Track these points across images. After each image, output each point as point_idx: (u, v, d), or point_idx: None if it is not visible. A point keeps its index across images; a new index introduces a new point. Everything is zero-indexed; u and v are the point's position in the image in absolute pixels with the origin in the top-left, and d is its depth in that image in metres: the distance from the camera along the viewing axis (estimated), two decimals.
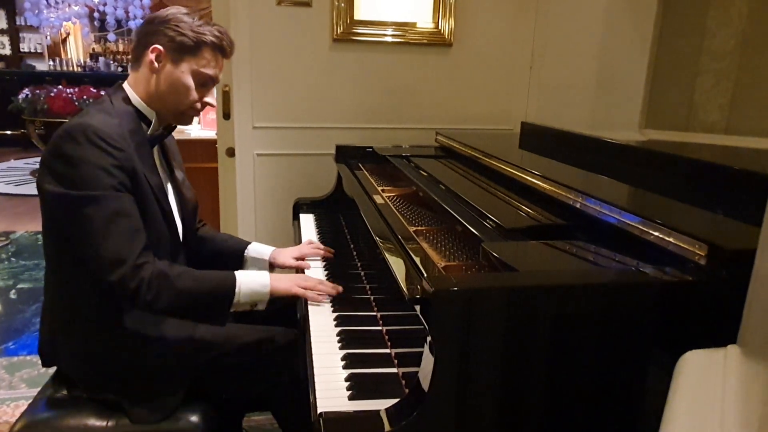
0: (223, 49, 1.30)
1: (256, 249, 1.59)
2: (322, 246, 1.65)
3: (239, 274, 1.27)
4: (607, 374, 0.84)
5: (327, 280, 1.46)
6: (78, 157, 1.12)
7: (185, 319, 1.30)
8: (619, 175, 1.28)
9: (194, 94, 1.29)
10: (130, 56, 1.34)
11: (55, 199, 1.15)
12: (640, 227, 0.92)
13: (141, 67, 1.28)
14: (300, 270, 1.54)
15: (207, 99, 1.33)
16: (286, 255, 1.59)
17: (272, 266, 1.59)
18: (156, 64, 1.25)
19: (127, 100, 1.28)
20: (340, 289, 1.37)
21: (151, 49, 1.25)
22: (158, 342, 1.27)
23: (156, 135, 1.34)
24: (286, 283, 1.32)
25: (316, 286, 1.35)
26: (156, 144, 1.36)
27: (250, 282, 1.27)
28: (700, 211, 1.01)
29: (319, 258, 1.61)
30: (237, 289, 1.25)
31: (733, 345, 0.72)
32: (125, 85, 1.30)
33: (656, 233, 0.89)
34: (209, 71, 1.29)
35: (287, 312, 1.62)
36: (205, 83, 1.30)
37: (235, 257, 1.57)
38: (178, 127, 1.44)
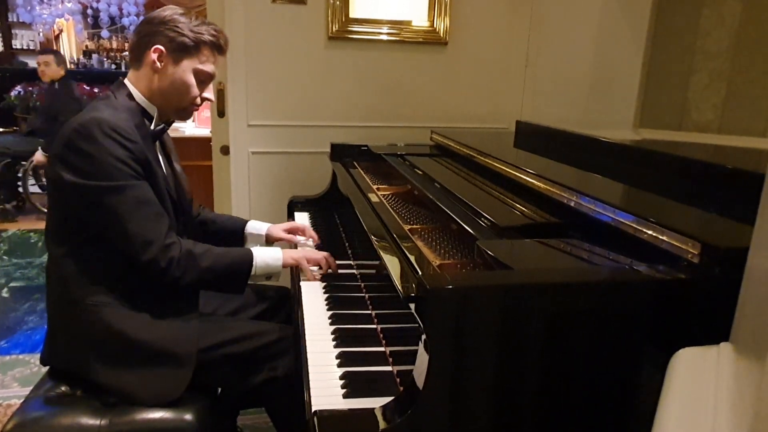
0: (220, 47, 1.37)
1: (254, 226, 1.71)
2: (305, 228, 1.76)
3: (255, 250, 1.40)
4: (601, 372, 0.84)
5: (321, 279, 1.46)
6: (95, 150, 1.19)
7: (208, 290, 1.42)
8: (613, 174, 1.29)
9: (195, 91, 1.36)
10: (129, 54, 1.40)
11: (76, 191, 1.21)
12: (634, 226, 0.93)
13: (142, 66, 1.33)
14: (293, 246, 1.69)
15: (206, 94, 1.39)
16: (278, 229, 1.71)
17: (267, 240, 1.71)
18: (158, 64, 1.31)
19: (130, 96, 1.33)
20: (335, 266, 1.49)
21: (152, 49, 1.30)
22: (164, 324, 1.29)
23: (158, 130, 1.39)
24: (296, 256, 1.47)
25: (321, 261, 1.47)
26: (158, 138, 1.41)
27: (265, 257, 1.40)
28: (694, 209, 1.01)
29: (310, 241, 1.72)
30: (254, 264, 1.37)
31: (726, 342, 0.72)
32: (127, 82, 1.35)
33: (650, 231, 0.89)
34: (208, 69, 1.35)
35: (282, 310, 1.63)
36: (204, 80, 1.37)
37: (236, 235, 1.70)
38: (173, 124, 1.47)
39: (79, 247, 1.26)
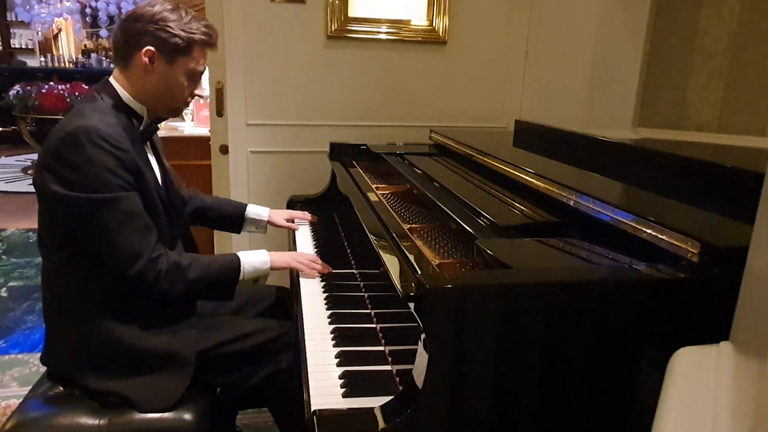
0: (212, 44, 1.34)
1: (254, 210, 1.74)
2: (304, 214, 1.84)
3: (242, 255, 1.37)
4: (600, 371, 0.84)
5: (321, 279, 1.46)
6: (83, 160, 1.15)
7: (197, 299, 1.41)
8: (612, 173, 1.29)
9: (187, 90, 1.33)
10: (114, 52, 1.34)
11: (63, 202, 1.17)
12: (634, 225, 0.93)
13: (132, 66, 1.28)
14: (293, 245, 1.71)
15: (197, 91, 1.37)
16: (279, 217, 1.77)
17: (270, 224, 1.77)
18: (150, 66, 1.26)
19: (116, 96, 1.29)
20: (331, 270, 1.48)
21: (143, 51, 1.25)
22: (162, 329, 1.28)
23: (148, 130, 1.36)
24: (285, 258, 1.45)
25: (311, 264, 1.46)
26: (148, 139, 1.39)
27: (252, 262, 1.37)
28: (693, 209, 1.01)
29: (306, 223, 1.84)
30: (241, 269, 1.35)
31: (726, 342, 0.72)
32: (113, 81, 1.30)
33: (649, 231, 0.89)
34: (200, 67, 1.33)
35: (281, 309, 1.63)
36: (195, 78, 1.34)
37: (236, 220, 1.73)
38: (172, 124, 1.46)
39: (71, 256, 1.23)
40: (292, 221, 1.80)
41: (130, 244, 1.20)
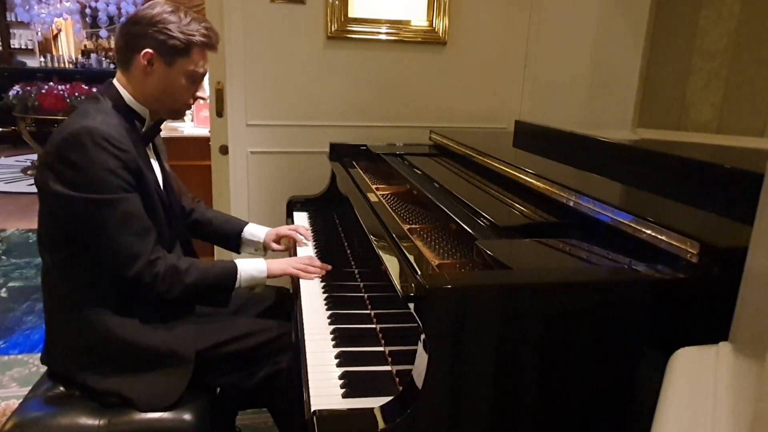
0: (212, 45, 1.33)
1: (252, 231, 1.70)
2: (296, 227, 1.76)
3: (240, 263, 1.38)
4: (599, 371, 0.84)
5: (320, 279, 1.46)
6: (86, 161, 1.16)
7: (193, 304, 1.40)
8: (612, 174, 1.29)
9: (188, 92, 1.33)
10: (115, 54, 1.35)
11: (63, 201, 1.18)
12: (633, 225, 0.93)
13: (132, 69, 1.29)
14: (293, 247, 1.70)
15: (199, 93, 1.37)
16: (270, 239, 1.70)
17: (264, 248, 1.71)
18: (149, 68, 1.27)
19: (119, 98, 1.30)
20: (329, 267, 1.49)
21: (142, 54, 1.26)
22: (162, 327, 1.28)
23: (150, 132, 1.36)
24: (282, 266, 1.45)
25: (307, 268, 1.46)
26: (150, 141, 1.39)
27: (249, 270, 1.39)
28: (693, 209, 1.02)
29: (309, 241, 1.75)
30: (238, 277, 1.36)
31: (725, 342, 0.72)
32: (116, 83, 1.31)
33: (649, 231, 0.89)
34: (200, 69, 1.32)
35: (281, 310, 1.63)
36: (196, 80, 1.34)
37: (233, 239, 1.70)
38: (172, 125, 1.47)
39: (71, 255, 1.24)
40: (292, 236, 1.74)
41: (128, 245, 1.21)
